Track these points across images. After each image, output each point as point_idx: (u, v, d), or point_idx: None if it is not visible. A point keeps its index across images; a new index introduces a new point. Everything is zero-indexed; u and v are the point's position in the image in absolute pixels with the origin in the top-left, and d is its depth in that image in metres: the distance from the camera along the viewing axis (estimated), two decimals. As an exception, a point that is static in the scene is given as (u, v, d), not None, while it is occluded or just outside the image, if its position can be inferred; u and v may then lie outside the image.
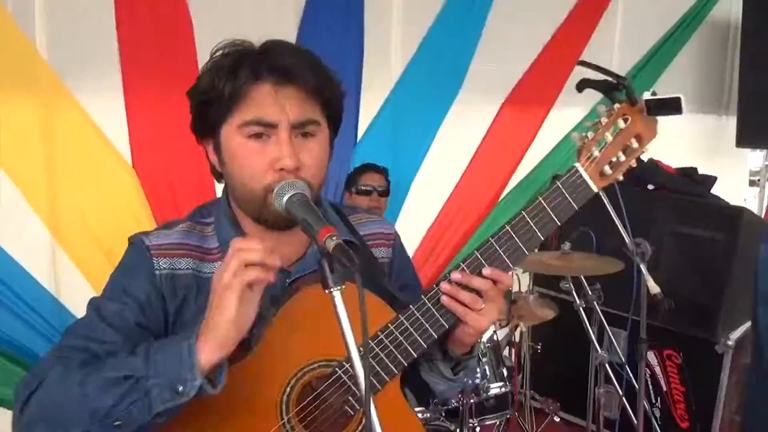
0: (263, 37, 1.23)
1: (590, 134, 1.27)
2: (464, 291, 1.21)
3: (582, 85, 1.38)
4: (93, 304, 1.23)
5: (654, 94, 1.26)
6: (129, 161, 2.65)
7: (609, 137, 1.26)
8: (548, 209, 1.24)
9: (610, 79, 1.31)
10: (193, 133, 1.29)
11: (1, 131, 2.30)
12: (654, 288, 2.33)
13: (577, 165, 1.26)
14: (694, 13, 4.48)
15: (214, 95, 1.17)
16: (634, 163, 1.30)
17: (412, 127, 3.57)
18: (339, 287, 1.00)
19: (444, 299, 1.22)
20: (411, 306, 1.24)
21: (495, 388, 2.74)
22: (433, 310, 1.23)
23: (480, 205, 3.93)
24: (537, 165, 4.08)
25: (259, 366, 1.20)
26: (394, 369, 1.23)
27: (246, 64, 1.17)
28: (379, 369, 1.22)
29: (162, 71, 2.59)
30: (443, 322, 1.24)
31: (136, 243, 1.27)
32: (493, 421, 2.83)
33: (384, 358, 1.22)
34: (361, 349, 0.98)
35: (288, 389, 1.22)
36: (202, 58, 1.25)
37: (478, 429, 2.72)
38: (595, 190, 1.26)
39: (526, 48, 3.88)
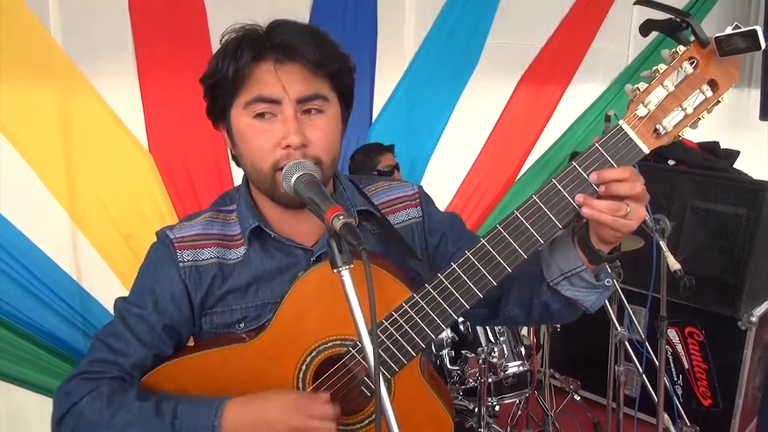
0: (275, 19, 1.22)
1: (643, 85, 1.06)
2: (601, 201, 1.09)
3: (646, 27, 1.14)
4: (118, 308, 1.29)
5: (737, 27, 1.00)
6: (145, 146, 2.66)
7: (670, 86, 1.05)
8: (584, 174, 1.09)
9: (673, 17, 1.07)
10: (210, 119, 1.31)
11: (19, 119, 2.32)
12: (674, 265, 2.30)
13: (621, 122, 1.07)
14: (716, -19, 4.36)
15: (220, 78, 1.19)
16: (705, 115, 1.08)
17: (428, 107, 3.53)
18: (347, 267, 0.99)
19: (586, 211, 1.09)
20: (427, 285, 1.18)
21: (513, 367, 2.74)
22: (464, 277, 1.16)
23: (497, 184, 3.90)
24: (554, 143, 4.04)
25: (272, 345, 1.21)
26: (411, 351, 1.19)
27: (247, 45, 1.17)
28: (394, 349, 1.19)
29: (176, 55, 2.59)
30: (475, 291, 1.16)
31: (161, 237, 1.32)
32: (512, 400, 2.83)
33: (399, 338, 1.19)
34: (371, 329, 0.98)
35: (303, 367, 1.23)
36: (216, 41, 1.25)
37: (497, 408, 2.73)
38: (646, 150, 1.08)
39: (542, 24, 3.82)
